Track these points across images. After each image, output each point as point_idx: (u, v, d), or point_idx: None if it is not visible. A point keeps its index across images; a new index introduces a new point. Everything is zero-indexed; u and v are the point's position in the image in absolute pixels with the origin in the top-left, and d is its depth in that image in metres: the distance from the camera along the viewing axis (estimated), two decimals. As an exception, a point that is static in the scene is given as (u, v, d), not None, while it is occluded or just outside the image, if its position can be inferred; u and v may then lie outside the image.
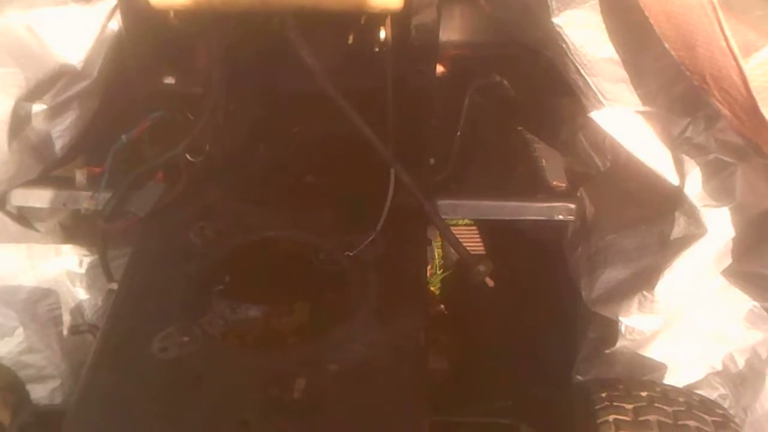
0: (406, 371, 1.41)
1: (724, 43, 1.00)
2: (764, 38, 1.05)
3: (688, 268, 1.33)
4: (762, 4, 1.16)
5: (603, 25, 1.23)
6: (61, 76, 1.64)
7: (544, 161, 1.86)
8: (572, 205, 1.69)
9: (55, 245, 1.91)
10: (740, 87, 1.01)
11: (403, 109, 1.60)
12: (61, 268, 1.92)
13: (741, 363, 1.48)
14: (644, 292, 1.39)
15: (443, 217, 1.68)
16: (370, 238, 1.59)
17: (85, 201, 1.73)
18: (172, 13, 1.48)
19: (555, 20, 1.23)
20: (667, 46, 1.08)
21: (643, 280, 1.41)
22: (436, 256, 2.27)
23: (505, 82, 1.79)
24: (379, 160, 1.59)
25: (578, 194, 1.68)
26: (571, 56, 1.28)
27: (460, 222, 2.27)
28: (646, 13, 1.07)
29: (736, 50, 0.99)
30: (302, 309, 1.61)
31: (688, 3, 1.01)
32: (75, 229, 1.92)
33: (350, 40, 1.58)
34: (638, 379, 1.49)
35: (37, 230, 1.87)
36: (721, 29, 0.99)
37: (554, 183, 1.81)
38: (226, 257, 1.63)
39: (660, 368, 1.50)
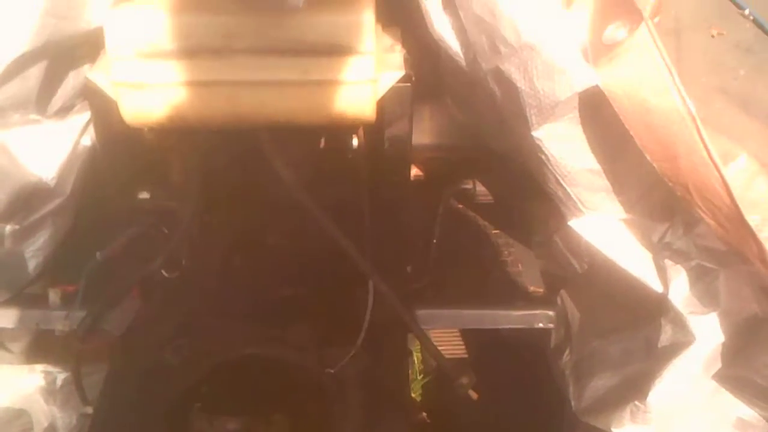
0: None
1: (705, 154, 0.97)
2: (739, 147, 1.03)
3: (679, 376, 1.27)
4: (718, 96, 1.15)
5: (582, 137, 1.20)
6: (34, 194, 1.58)
7: (520, 265, 1.82)
8: (551, 313, 1.65)
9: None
10: (723, 196, 0.98)
11: (379, 219, 1.55)
12: (34, 386, 1.83)
13: (731, 471, 1.41)
14: (636, 402, 1.32)
15: (423, 327, 1.61)
16: (351, 354, 1.52)
17: (59, 321, 1.65)
18: (146, 129, 1.43)
19: (534, 134, 1.20)
20: (648, 158, 1.05)
21: (634, 388, 1.34)
22: (416, 361, 2.20)
23: (478, 187, 1.76)
24: (356, 270, 1.53)
25: (558, 299, 1.63)
26: (550, 167, 1.25)
27: (440, 325, 2.20)
28: (627, 127, 1.04)
29: (717, 160, 0.96)
30: (281, 421, 1.52)
31: (669, 116, 0.98)
32: (49, 348, 1.84)
33: (324, 151, 1.54)
34: None
35: (10, 351, 1.79)
36: (702, 140, 0.96)
37: (531, 288, 1.76)
38: (204, 376, 1.55)
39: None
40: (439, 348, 1.60)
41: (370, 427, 1.43)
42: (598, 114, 1.15)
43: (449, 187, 1.77)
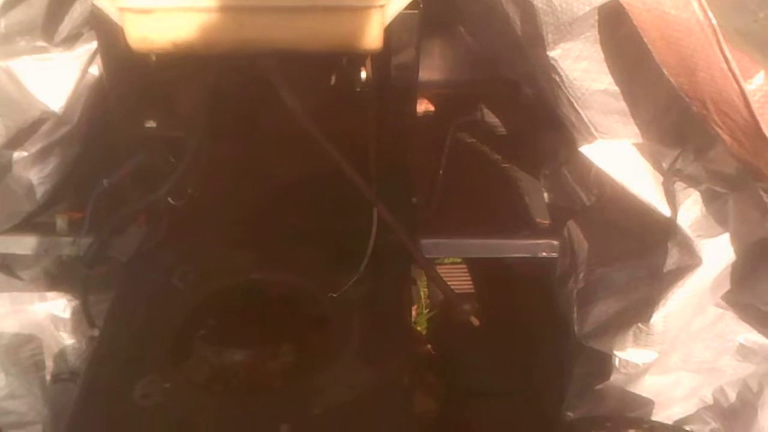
0: (391, 414, 1.31)
1: (725, 65, 0.92)
2: (757, 64, 0.97)
3: (684, 299, 1.23)
4: (737, 39, 1.09)
5: (598, 56, 1.15)
6: (42, 122, 1.54)
7: (526, 198, 1.77)
8: (555, 242, 1.61)
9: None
10: (742, 109, 0.94)
11: (385, 149, 1.51)
12: (44, 313, 1.81)
13: (732, 396, 1.39)
14: (639, 325, 1.29)
15: (427, 256, 1.58)
16: (354, 279, 1.49)
17: (66, 247, 1.62)
18: (153, 57, 1.37)
19: (550, 53, 1.15)
20: (666, 73, 1.00)
21: (638, 312, 1.31)
22: (422, 296, 2.16)
23: (488, 119, 1.71)
24: (362, 199, 1.49)
25: (564, 229, 1.59)
26: (564, 89, 1.20)
27: (447, 260, 2.16)
28: (645, 41, 0.99)
29: (737, 72, 0.92)
30: (288, 352, 1.49)
31: (689, 27, 0.93)
32: (59, 275, 1.80)
33: (331, 80, 1.48)
34: (626, 417, 1.41)
35: (20, 278, 1.76)
36: (722, 52, 0.92)
37: (537, 220, 1.72)
38: (209, 301, 1.52)
39: (651, 403, 1.41)
40: (447, 282, 1.56)
41: (372, 351, 1.39)
42: (615, 33, 1.10)
43: (456, 120, 1.71)
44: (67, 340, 1.84)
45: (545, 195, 1.68)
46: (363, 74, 1.41)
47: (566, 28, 1.10)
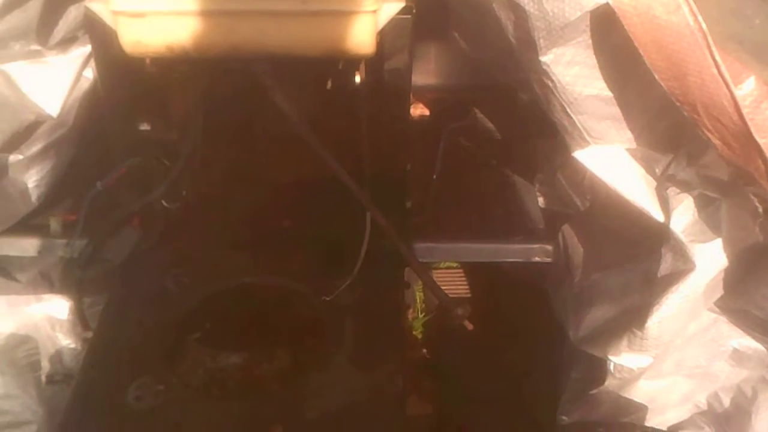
0: (384, 417, 1.31)
1: (715, 70, 0.91)
2: (748, 70, 0.96)
3: (678, 304, 1.22)
4: (733, 45, 1.08)
5: (590, 62, 1.14)
6: (38, 125, 1.55)
7: (521, 203, 1.76)
8: (549, 247, 1.61)
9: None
10: (732, 114, 0.93)
11: (379, 153, 1.51)
12: (40, 314, 1.80)
13: (726, 402, 1.37)
14: (634, 330, 1.28)
15: (421, 260, 1.57)
16: (347, 283, 1.48)
17: (60, 249, 1.61)
18: (148, 61, 1.37)
19: (542, 59, 1.14)
20: (657, 77, 0.99)
21: (632, 317, 1.30)
22: (418, 300, 2.15)
23: (483, 125, 1.69)
24: (356, 203, 1.48)
25: (559, 234, 1.58)
26: (557, 94, 1.19)
27: (442, 264, 2.15)
28: (636, 45, 0.98)
29: (727, 77, 0.91)
30: (282, 355, 1.48)
31: (679, 32, 0.92)
32: (56, 277, 1.79)
33: (326, 84, 1.48)
34: (620, 422, 1.40)
35: (17, 281, 1.76)
36: (712, 56, 0.91)
37: (532, 225, 1.70)
38: (203, 304, 1.51)
39: (645, 408, 1.39)
40: (443, 287, 1.55)
41: (365, 355, 1.39)
42: (606, 38, 1.09)
43: (451, 124, 1.70)
44: (63, 340, 1.83)
45: (540, 199, 1.67)
46: (357, 79, 1.40)
47: (558, 33, 1.09)
